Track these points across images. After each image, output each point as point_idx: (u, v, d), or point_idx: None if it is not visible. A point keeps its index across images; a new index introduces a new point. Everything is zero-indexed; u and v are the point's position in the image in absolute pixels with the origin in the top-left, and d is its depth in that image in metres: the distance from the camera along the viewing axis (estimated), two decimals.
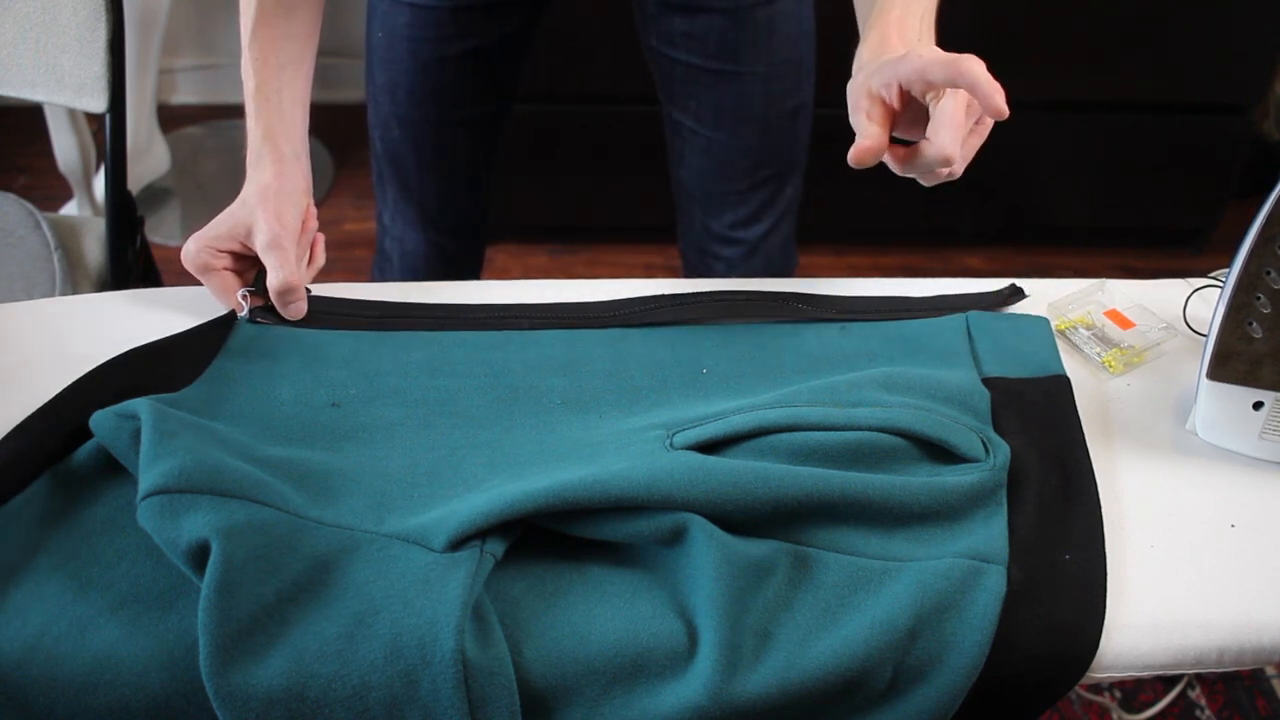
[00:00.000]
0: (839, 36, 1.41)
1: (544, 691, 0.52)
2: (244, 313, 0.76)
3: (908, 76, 0.66)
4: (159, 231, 2.07)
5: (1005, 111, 0.63)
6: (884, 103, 0.69)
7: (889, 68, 0.68)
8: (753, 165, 1.16)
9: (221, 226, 0.76)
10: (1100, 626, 0.57)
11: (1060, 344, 0.78)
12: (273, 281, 0.74)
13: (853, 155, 0.68)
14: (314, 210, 0.81)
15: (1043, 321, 0.79)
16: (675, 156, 1.20)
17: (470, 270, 1.35)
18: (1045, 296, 0.82)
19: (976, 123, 0.69)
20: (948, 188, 0.73)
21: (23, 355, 0.74)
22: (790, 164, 1.19)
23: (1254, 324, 0.65)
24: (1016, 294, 0.82)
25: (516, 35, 1.12)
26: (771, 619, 0.55)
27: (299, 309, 0.76)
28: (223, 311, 0.77)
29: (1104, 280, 0.83)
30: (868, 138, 0.68)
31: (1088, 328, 0.79)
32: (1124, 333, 0.78)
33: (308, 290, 0.78)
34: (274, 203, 0.77)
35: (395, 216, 1.25)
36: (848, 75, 0.73)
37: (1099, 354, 0.76)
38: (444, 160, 1.19)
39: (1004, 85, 0.63)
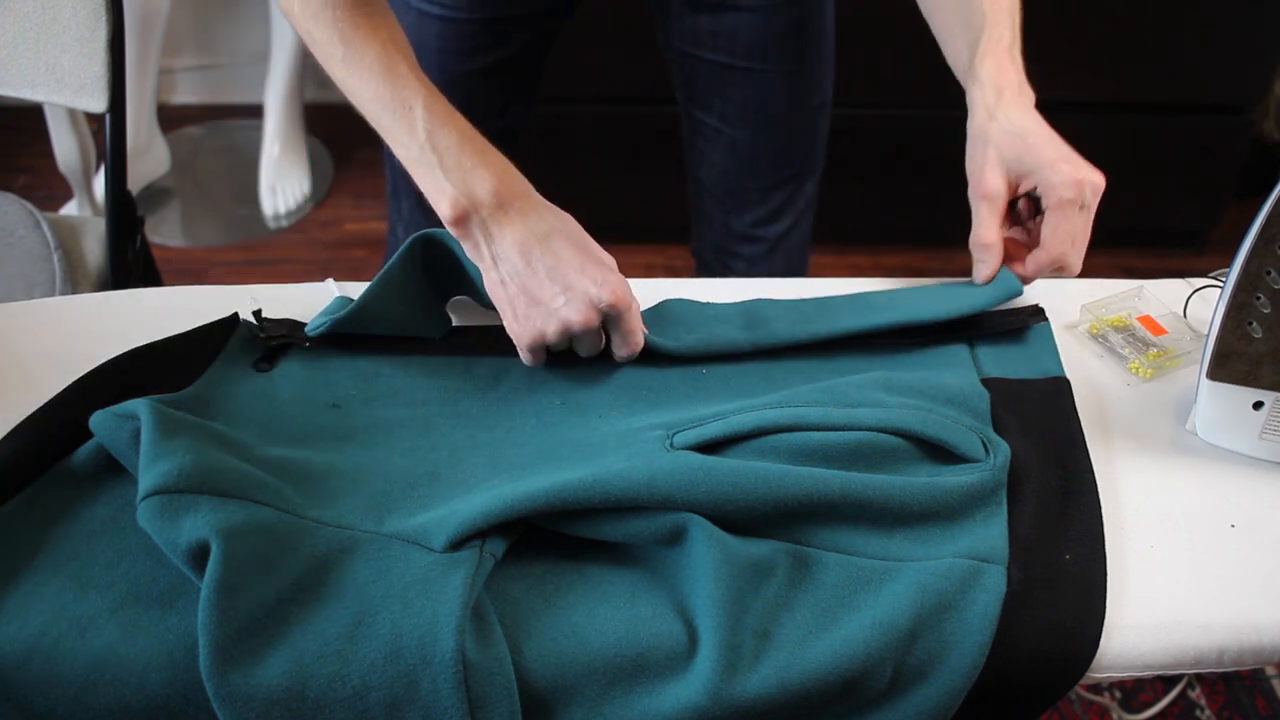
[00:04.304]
0: (851, 34, 1.41)
1: (544, 691, 0.52)
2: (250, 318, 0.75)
3: (1045, 185, 0.74)
4: (159, 231, 2.07)
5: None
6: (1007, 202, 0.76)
7: (1032, 170, 0.75)
8: (777, 162, 1.16)
9: None
10: (1100, 626, 0.57)
11: (1089, 345, 0.78)
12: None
13: (977, 248, 0.77)
14: None
15: (1042, 323, 0.78)
16: (695, 156, 1.19)
17: None
18: (1078, 297, 0.81)
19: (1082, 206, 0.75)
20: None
21: (23, 355, 0.74)
22: (812, 161, 1.19)
23: (1254, 324, 0.65)
24: (1037, 314, 0.78)
25: (539, 44, 1.12)
26: (771, 619, 0.55)
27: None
28: (222, 314, 0.76)
29: (1141, 283, 0.83)
30: (995, 251, 0.77)
31: (1120, 330, 0.79)
32: (1156, 339, 0.78)
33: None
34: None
35: (411, 229, 1.24)
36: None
37: (1128, 357, 0.76)
38: None
39: None
